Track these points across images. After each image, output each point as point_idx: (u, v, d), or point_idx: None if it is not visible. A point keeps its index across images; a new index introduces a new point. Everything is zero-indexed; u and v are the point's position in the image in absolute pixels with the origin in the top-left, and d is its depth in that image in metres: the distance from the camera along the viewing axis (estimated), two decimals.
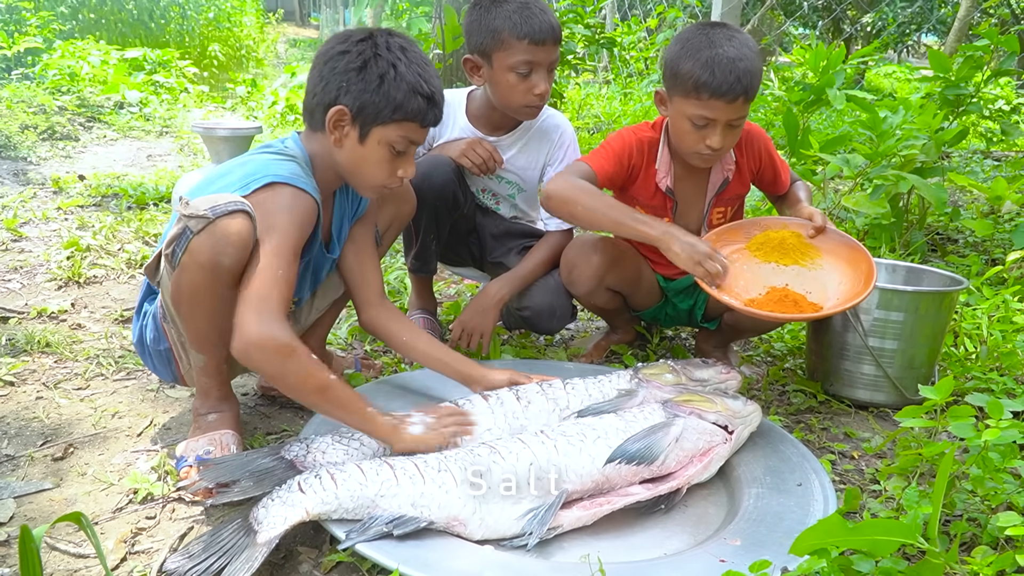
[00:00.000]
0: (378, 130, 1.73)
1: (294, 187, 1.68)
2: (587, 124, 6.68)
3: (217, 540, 1.42)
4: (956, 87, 3.34)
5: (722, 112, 2.01)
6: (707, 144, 2.05)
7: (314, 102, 1.77)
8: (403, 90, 1.71)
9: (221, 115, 7.43)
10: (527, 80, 2.27)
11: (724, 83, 1.97)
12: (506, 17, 2.23)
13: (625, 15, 9.83)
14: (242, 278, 1.62)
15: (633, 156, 2.21)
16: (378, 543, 1.38)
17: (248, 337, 1.54)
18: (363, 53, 1.72)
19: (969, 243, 3.71)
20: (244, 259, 1.61)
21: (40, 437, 1.87)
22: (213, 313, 1.65)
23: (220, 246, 1.56)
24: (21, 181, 4.56)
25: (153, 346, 1.84)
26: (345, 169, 1.80)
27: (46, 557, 1.44)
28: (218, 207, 1.56)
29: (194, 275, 1.59)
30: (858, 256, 2.05)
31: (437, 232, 2.44)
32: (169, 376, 1.89)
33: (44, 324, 2.54)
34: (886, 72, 13.07)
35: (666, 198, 2.24)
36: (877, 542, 1.22)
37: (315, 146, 1.81)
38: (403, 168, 1.80)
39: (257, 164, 1.72)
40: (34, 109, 6.03)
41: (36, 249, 3.32)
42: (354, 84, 1.71)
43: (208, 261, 1.57)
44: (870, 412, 2.19)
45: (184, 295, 1.64)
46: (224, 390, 1.82)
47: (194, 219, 1.56)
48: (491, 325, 2.40)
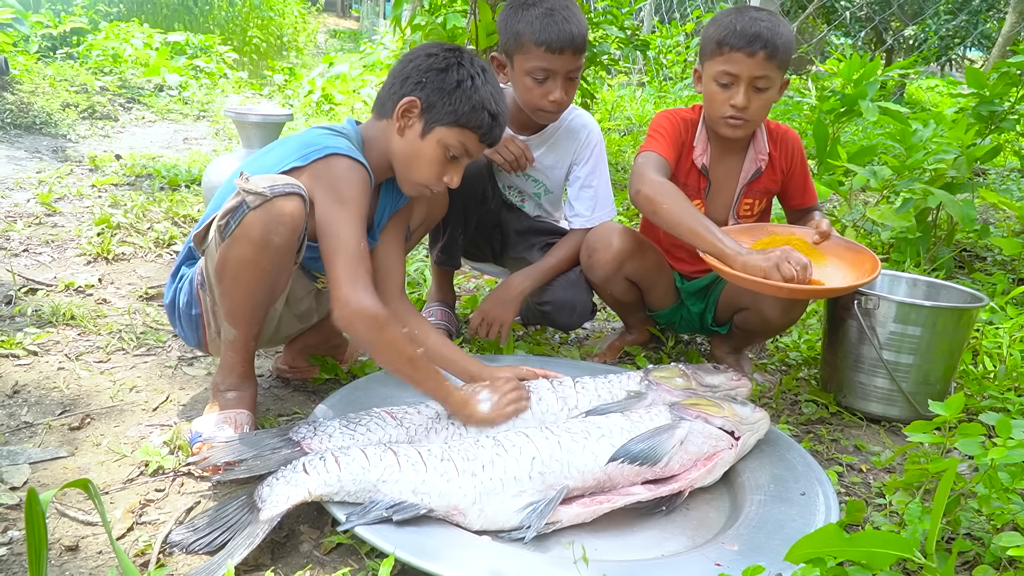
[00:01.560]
0: (441, 130, 1.82)
1: (352, 159, 1.76)
2: (619, 125, 6.67)
3: (221, 515, 1.45)
4: (990, 103, 3.30)
5: (744, 66, 2.08)
6: (732, 103, 2.12)
7: (389, 92, 1.87)
8: (474, 101, 1.81)
9: (258, 101, 7.51)
10: (543, 86, 2.28)
11: (744, 37, 2.07)
12: (529, 21, 2.24)
13: (664, 18, 9.80)
14: (322, 248, 1.71)
15: (682, 134, 2.27)
16: (377, 527, 1.40)
17: (352, 307, 1.65)
18: (448, 59, 1.83)
19: (997, 261, 3.67)
20: (294, 240, 1.68)
21: (59, 406, 1.91)
22: (253, 289, 1.71)
23: (273, 224, 1.63)
24: (59, 158, 4.65)
25: (184, 310, 1.89)
26: (399, 159, 1.88)
27: (55, 523, 1.48)
28: (276, 186, 1.64)
29: (244, 249, 1.65)
30: (862, 257, 2.09)
31: (465, 226, 2.46)
32: (194, 341, 1.93)
33: (71, 297, 2.60)
34: (928, 86, 12.91)
35: (700, 176, 2.27)
36: (874, 554, 1.22)
37: (373, 132, 1.90)
38: (450, 175, 1.88)
39: (314, 136, 1.81)
40: (76, 88, 6.13)
41: (68, 224, 3.39)
42: (432, 81, 1.81)
43: (260, 237, 1.63)
44: (882, 426, 2.17)
45: (230, 268, 1.69)
46: (247, 368, 1.86)
47: (252, 195, 1.62)
48: (511, 316, 2.42)
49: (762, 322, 2.29)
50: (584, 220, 2.47)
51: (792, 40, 2.12)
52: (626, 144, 5.87)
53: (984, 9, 11.52)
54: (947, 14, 11.56)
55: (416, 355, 1.75)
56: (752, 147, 2.28)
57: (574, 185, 2.51)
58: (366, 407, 1.78)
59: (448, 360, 1.98)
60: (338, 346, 2.23)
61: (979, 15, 11.64)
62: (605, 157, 2.53)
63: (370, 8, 19.15)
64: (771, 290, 1.96)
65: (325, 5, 19.48)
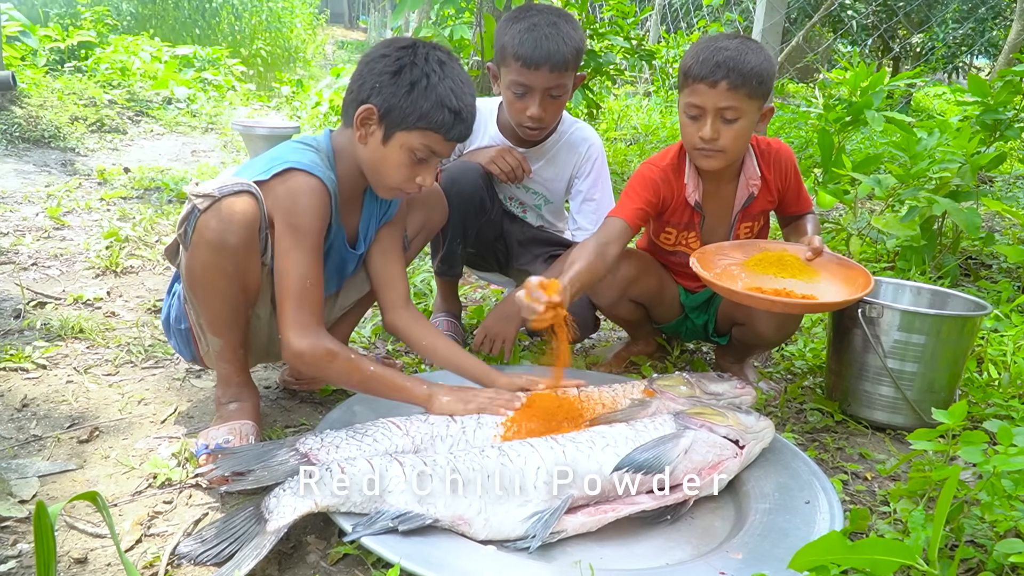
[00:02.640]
0: (401, 135, 1.79)
1: (307, 173, 1.76)
2: (624, 135, 6.69)
3: (229, 527, 1.46)
4: (994, 111, 3.30)
5: (707, 97, 2.04)
6: (700, 135, 2.08)
7: (349, 99, 1.84)
8: (431, 101, 1.77)
9: (266, 114, 7.56)
10: (521, 100, 2.30)
11: (705, 67, 2.03)
12: (512, 35, 2.25)
13: (670, 28, 9.83)
14: (276, 279, 1.74)
15: (660, 188, 2.22)
16: (383, 538, 1.41)
17: (294, 350, 1.72)
18: (401, 59, 1.79)
19: (1003, 269, 3.66)
20: (250, 239, 1.70)
21: (67, 420, 1.93)
22: (224, 293, 1.74)
23: (226, 224, 1.66)
24: (68, 171, 4.69)
25: (175, 325, 1.93)
26: (366, 167, 1.87)
27: (64, 535, 1.49)
28: (225, 187, 1.67)
29: (203, 254, 1.69)
30: (854, 273, 2.09)
31: (464, 236, 2.47)
32: (189, 355, 1.97)
33: (79, 311, 2.62)
34: (936, 93, 12.89)
35: (694, 212, 2.25)
36: (877, 561, 1.22)
37: (343, 141, 1.88)
38: (422, 176, 1.85)
39: (280, 151, 1.82)
40: (84, 101, 6.18)
41: (77, 238, 3.41)
42: (386, 87, 1.77)
43: (215, 239, 1.66)
44: (887, 434, 2.17)
45: (196, 276, 1.73)
46: (243, 377, 1.88)
47: (200, 198, 1.66)
48: (514, 332, 2.43)
49: (757, 336, 2.30)
50: (587, 234, 2.48)
51: (767, 67, 2.06)
52: (632, 154, 5.88)
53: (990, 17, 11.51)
54: (954, 22, 11.56)
55: (370, 374, 1.80)
56: (743, 174, 2.24)
57: (576, 199, 2.53)
58: (372, 418, 1.79)
59: (459, 366, 2.00)
60: None
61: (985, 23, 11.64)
62: (607, 170, 2.54)
63: (378, 19, 19.25)
64: (764, 304, 1.97)
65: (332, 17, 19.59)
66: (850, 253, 3.31)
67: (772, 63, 2.09)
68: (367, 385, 1.81)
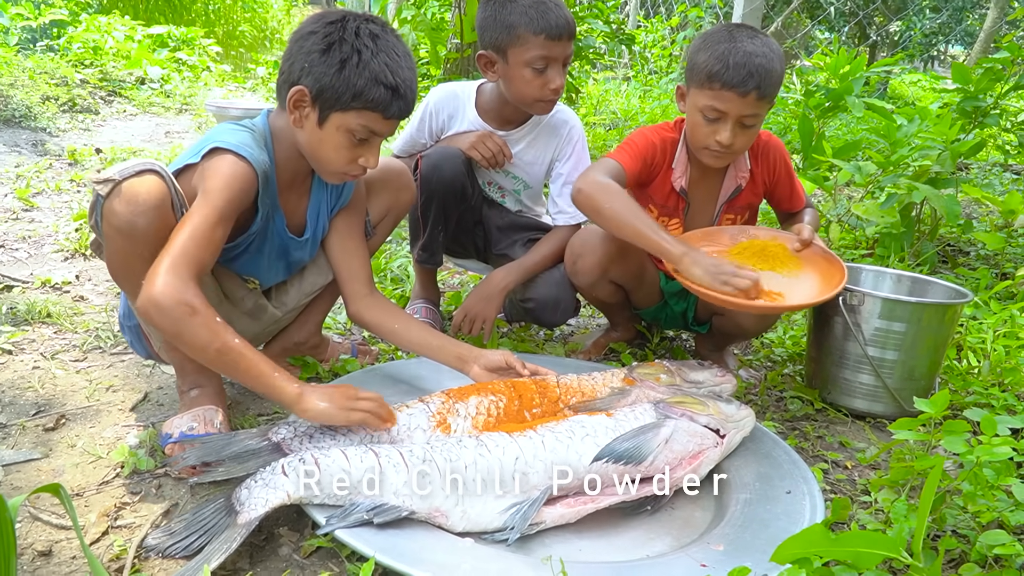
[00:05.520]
0: (337, 116, 1.69)
1: (234, 154, 1.65)
2: (604, 120, 6.65)
3: (199, 519, 1.43)
4: (974, 99, 3.30)
5: (734, 105, 1.99)
6: (717, 139, 2.04)
7: (281, 79, 1.74)
8: (365, 78, 1.66)
9: (241, 95, 7.45)
10: (542, 75, 2.26)
11: (737, 75, 1.96)
12: (522, 12, 2.22)
13: (649, 13, 9.79)
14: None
15: (656, 155, 2.20)
16: (357, 530, 1.38)
17: (149, 292, 1.48)
18: (329, 36, 1.68)
19: (981, 256, 3.67)
20: (161, 220, 1.57)
21: (33, 407, 1.88)
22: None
23: (132, 206, 1.54)
24: (39, 151, 4.59)
25: (125, 321, 1.85)
26: (305, 151, 1.78)
27: (28, 527, 1.45)
28: (126, 169, 1.55)
29: (116, 242, 1.59)
30: (834, 268, 2.04)
31: (445, 223, 2.43)
32: (143, 352, 1.90)
33: (47, 295, 2.56)
34: (911, 81, 12.96)
35: (679, 199, 2.22)
36: (860, 554, 1.20)
37: (280, 123, 1.79)
38: (365, 157, 1.76)
39: (213, 132, 1.72)
40: (56, 81, 6.05)
41: (46, 220, 3.34)
42: (316, 66, 1.67)
43: (125, 224, 1.55)
44: (867, 422, 2.17)
45: (117, 266, 1.64)
46: (197, 363, 1.76)
47: (101, 184, 1.55)
48: (494, 312, 2.40)
49: (736, 326, 2.29)
50: (568, 217, 2.45)
51: (784, 67, 2.04)
52: (611, 139, 5.85)
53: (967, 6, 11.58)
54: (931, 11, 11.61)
55: (233, 344, 1.54)
56: (733, 165, 2.22)
57: (556, 182, 2.49)
58: None
59: (434, 348, 1.95)
60: (318, 346, 2.20)
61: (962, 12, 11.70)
62: (588, 153, 2.51)
63: (355, 2, 19.05)
64: (728, 304, 1.92)
65: None
66: (830, 240, 3.31)
67: (785, 61, 2.07)
68: (225, 358, 1.53)
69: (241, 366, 1.55)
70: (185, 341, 1.52)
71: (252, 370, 1.56)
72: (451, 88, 2.50)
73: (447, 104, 2.47)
